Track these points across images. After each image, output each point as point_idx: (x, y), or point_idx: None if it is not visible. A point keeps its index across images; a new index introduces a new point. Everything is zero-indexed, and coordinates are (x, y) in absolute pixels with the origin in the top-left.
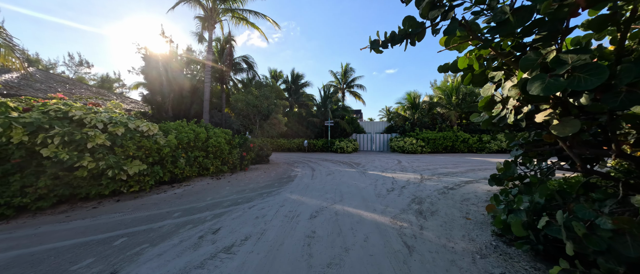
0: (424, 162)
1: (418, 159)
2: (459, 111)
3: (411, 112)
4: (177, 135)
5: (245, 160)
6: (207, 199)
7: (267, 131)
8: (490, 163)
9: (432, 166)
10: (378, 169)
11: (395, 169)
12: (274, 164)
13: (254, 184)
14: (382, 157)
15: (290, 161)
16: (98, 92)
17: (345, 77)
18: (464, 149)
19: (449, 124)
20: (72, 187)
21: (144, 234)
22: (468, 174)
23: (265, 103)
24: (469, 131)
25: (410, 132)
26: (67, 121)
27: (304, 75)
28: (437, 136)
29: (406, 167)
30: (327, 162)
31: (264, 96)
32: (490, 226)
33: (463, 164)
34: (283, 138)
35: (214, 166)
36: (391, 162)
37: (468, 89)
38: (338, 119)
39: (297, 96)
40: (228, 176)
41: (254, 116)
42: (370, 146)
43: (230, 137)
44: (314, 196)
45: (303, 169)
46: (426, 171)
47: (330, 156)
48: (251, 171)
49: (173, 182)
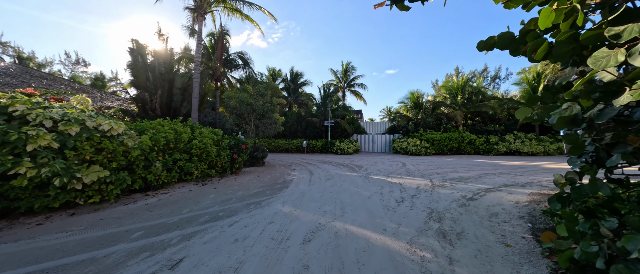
0: (431, 165)
1: (423, 162)
2: (464, 111)
3: (414, 112)
4: (153, 135)
5: (236, 163)
6: (183, 212)
7: (263, 131)
8: (504, 167)
9: (440, 169)
10: (382, 173)
11: (400, 173)
12: (270, 167)
13: (242, 192)
14: (384, 159)
15: (287, 163)
16: (81, 89)
17: (346, 76)
18: (470, 151)
19: (454, 125)
20: (9, 199)
21: (78, 268)
22: (483, 179)
23: (260, 101)
24: (475, 132)
25: (414, 133)
26: (4, 116)
27: (303, 73)
28: (442, 136)
29: (412, 171)
30: (327, 165)
31: (259, 94)
32: (541, 256)
33: (473, 167)
34: (281, 138)
35: (200, 170)
36: (395, 164)
37: (474, 88)
38: (338, 119)
39: (296, 95)
40: (215, 181)
41: (248, 115)
42: (371, 147)
43: (220, 138)
44: (310, 208)
45: (300, 173)
46: (435, 175)
47: (330, 157)
48: (243, 175)
49: (148, 190)
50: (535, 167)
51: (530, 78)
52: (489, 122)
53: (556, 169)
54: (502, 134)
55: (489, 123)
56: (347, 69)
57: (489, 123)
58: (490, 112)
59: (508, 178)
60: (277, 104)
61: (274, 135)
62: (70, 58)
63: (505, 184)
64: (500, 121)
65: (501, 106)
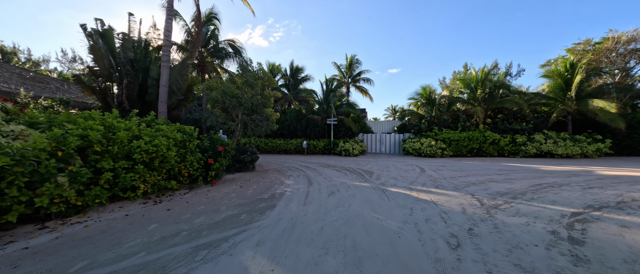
0: (457, 171)
1: (443, 166)
2: (484, 107)
3: (427, 109)
4: (62, 134)
5: (212, 170)
6: (71, 271)
7: (253, 129)
8: (549, 174)
9: (472, 177)
10: (401, 183)
11: (424, 182)
12: (261, 173)
13: (205, 217)
14: (397, 163)
15: (283, 167)
16: (35, 79)
17: (350, 70)
18: (493, 153)
19: (473, 123)
20: None
21: None
22: (544, 195)
23: (248, 93)
24: (499, 131)
25: (428, 132)
26: None
27: (304, 68)
28: (460, 136)
29: (438, 179)
30: (330, 170)
31: (247, 84)
32: None
33: (512, 174)
34: (280, 138)
35: (150, 182)
36: (411, 170)
37: (496, 81)
38: (342, 116)
39: (296, 91)
40: (177, 198)
41: (233, 109)
42: (379, 147)
43: (187, 138)
44: (301, 263)
45: (296, 182)
46: (473, 187)
47: (333, 160)
48: (221, 185)
49: (49, 220)
50: (589, 174)
51: (561, 69)
52: (513, 119)
53: (620, 176)
54: (530, 133)
55: (513, 121)
56: (352, 62)
57: (513, 121)
58: (514, 108)
59: (577, 193)
60: (270, 98)
61: (268, 134)
62: (67, 56)
63: (588, 204)
64: (526, 119)
65: (527, 102)
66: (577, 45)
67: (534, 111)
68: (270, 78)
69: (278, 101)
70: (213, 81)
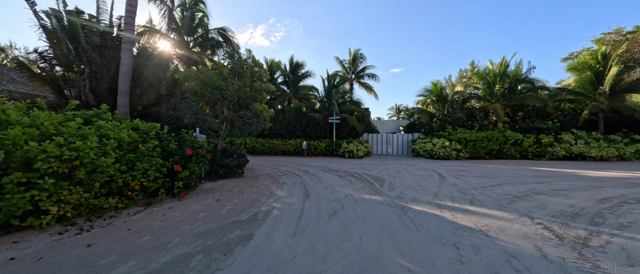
0: (483, 178)
1: (463, 170)
2: (503, 103)
3: (439, 107)
4: None
5: (180, 179)
6: None
7: (240, 128)
8: (608, 181)
9: (508, 187)
10: (423, 197)
11: (452, 195)
12: (250, 179)
13: (136, 262)
14: (408, 167)
15: (278, 171)
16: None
17: (353, 66)
18: (515, 154)
19: (492, 121)
20: None
21: None
22: (623, 216)
23: (235, 85)
24: (521, 130)
25: (440, 132)
26: None
27: (304, 64)
28: (478, 136)
29: (465, 189)
30: (332, 176)
31: (234, 74)
32: None
33: (555, 182)
34: (278, 138)
35: (75, 201)
36: (428, 176)
37: (517, 75)
38: (345, 114)
39: (296, 88)
40: (119, 221)
41: (216, 103)
42: (385, 148)
43: (139, 138)
44: None
45: (289, 193)
46: (521, 203)
47: (335, 162)
48: (192, 199)
49: None
50: None
51: (591, 61)
52: (535, 118)
53: None
54: (557, 132)
55: (536, 119)
56: (356, 57)
57: (536, 119)
58: (537, 105)
59: None
60: (261, 91)
61: (266, 135)
62: None
63: None
64: (551, 117)
65: (552, 98)
66: (607, 35)
67: (557, 109)
68: (261, 68)
69: (277, 98)
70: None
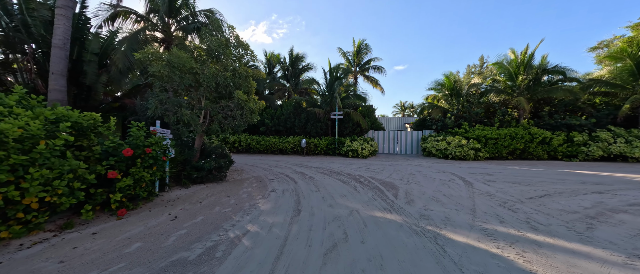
0: (520, 185)
1: (489, 174)
2: (527, 97)
3: (452, 101)
4: None
5: (118, 190)
6: None
7: (221, 121)
8: None
9: (562, 199)
10: (456, 216)
11: (496, 212)
12: (232, 185)
13: None
14: (422, 169)
15: (269, 174)
16: None
17: (358, 58)
18: (543, 154)
19: (514, 117)
20: None
21: None
22: None
23: (212, 68)
24: (549, 127)
25: (455, 129)
26: None
27: (305, 56)
28: (500, 134)
29: (508, 202)
30: (333, 180)
31: (211, 55)
32: None
33: (620, 192)
34: (275, 136)
35: None
36: (450, 182)
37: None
38: (349, 110)
39: (296, 81)
40: None
41: (187, 91)
42: (392, 147)
43: (41, 133)
44: None
45: (274, 209)
46: (605, 230)
47: (337, 163)
48: (134, 218)
49: None
50: None
51: (632, 49)
52: (564, 113)
53: None
54: (591, 129)
55: (565, 114)
56: (360, 48)
57: (565, 114)
58: (567, 98)
59: None
60: (248, 77)
61: (255, 130)
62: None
63: None
64: (582, 111)
65: (584, 90)
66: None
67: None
68: (247, 48)
69: (275, 92)
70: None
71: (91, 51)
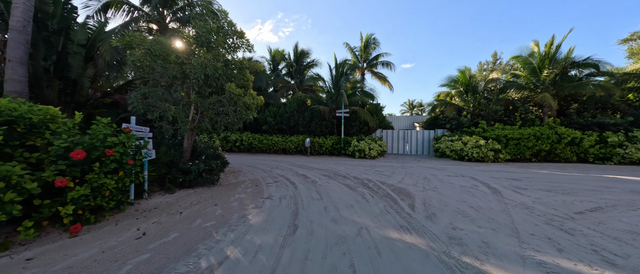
0: (557, 192)
1: (516, 179)
2: (552, 93)
3: (467, 98)
4: None
5: (72, 200)
6: None
7: (212, 118)
8: None
9: (620, 212)
10: (500, 244)
11: (547, 235)
12: (221, 190)
13: None
14: (437, 172)
15: (267, 176)
16: None
17: (366, 53)
18: (571, 156)
19: (538, 115)
20: None
21: None
22: None
23: (200, 57)
24: (577, 126)
25: (472, 128)
26: None
27: (310, 52)
28: (523, 133)
29: (557, 220)
30: (337, 186)
31: (200, 43)
32: None
33: None
34: (278, 134)
35: None
36: (473, 189)
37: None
38: (356, 107)
39: (300, 78)
40: None
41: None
42: (402, 147)
43: None
44: None
45: (266, 222)
46: None
47: (343, 164)
48: (92, 235)
49: None
50: None
51: None
52: (594, 110)
53: None
54: (627, 129)
55: (596, 112)
56: (368, 43)
57: (596, 112)
58: (598, 94)
59: None
60: (243, 69)
61: (257, 129)
62: None
63: None
64: (615, 109)
65: (618, 85)
66: None
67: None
68: (243, 38)
69: (279, 89)
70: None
71: (77, 42)
